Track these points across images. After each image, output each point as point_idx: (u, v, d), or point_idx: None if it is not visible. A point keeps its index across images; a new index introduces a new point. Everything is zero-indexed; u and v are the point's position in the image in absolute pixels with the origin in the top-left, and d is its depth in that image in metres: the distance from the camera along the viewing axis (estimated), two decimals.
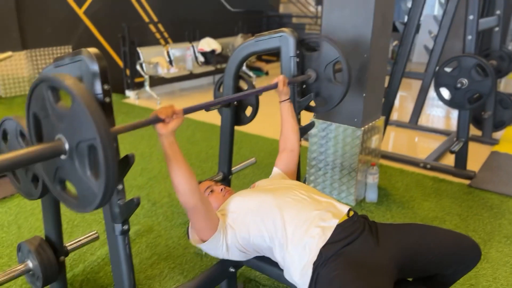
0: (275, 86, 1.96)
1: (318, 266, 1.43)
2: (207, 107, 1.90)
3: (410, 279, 1.61)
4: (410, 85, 7.28)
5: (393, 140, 4.74)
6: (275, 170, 1.98)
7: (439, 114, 5.81)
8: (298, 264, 1.47)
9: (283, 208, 1.55)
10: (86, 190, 1.15)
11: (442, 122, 5.44)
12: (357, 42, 2.82)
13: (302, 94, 2.25)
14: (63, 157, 1.15)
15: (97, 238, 2.11)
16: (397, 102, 6.10)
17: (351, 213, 1.56)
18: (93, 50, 1.29)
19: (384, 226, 1.59)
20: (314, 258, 1.44)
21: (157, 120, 1.35)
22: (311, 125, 2.33)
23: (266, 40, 2.19)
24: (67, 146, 1.14)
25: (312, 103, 2.31)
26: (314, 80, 2.21)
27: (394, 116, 5.49)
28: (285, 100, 2.00)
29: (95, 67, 1.27)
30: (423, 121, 5.29)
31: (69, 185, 1.24)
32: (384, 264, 1.43)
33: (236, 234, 1.59)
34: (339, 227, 1.48)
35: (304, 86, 2.25)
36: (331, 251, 1.43)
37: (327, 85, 2.19)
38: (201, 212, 1.51)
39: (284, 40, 2.12)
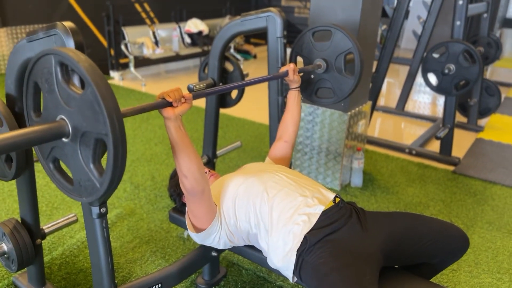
0: (285, 75, 1.85)
1: (302, 252, 1.40)
2: (217, 91, 1.78)
3: (396, 267, 1.60)
4: (397, 71, 7.28)
5: (379, 126, 4.73)
6: (266, 159, 1.91)
7: (426, 100, 5.82)
8: (282, 250, 1.44)
9: (269, 193, 1.51)
10: (85, 180, 1.09)
11: (429, 109, 5.45)
12: (346, 25, 2.76)
13: (308, 84, 2.18)
14: (64, 139, 1.08)
15: (75, 221, 2.06)
16: (384, 88, 6.10)
17: (337, 199, 1.53)
18: (68, 23, 1.22)
19: (372, 214, 1.57)
20: (298, 244, 1.41)
21: (165, 103, 1.28)
22: None
23: (253, 20, 2.13)
24: (70, 129, 1.06)
25: (319, 95, 2.22)
26: (324, 71, 2.12)
27: (381, 102, 5.49)
28: (294, 88, 1.90)
29: (70, 42, 1.20)
30: (409, 107, 5.29)
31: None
32: (370, 252, 1.41)
33: (226, 220, 1.54)
34: (324, 213, 1.46)
35: (312, 76, 2.17)
36: (316, 237, 1.40)
37: (336, 76, 2.10)
38: (206, 197, 1.44)
39: (271, 20, 2.07)
